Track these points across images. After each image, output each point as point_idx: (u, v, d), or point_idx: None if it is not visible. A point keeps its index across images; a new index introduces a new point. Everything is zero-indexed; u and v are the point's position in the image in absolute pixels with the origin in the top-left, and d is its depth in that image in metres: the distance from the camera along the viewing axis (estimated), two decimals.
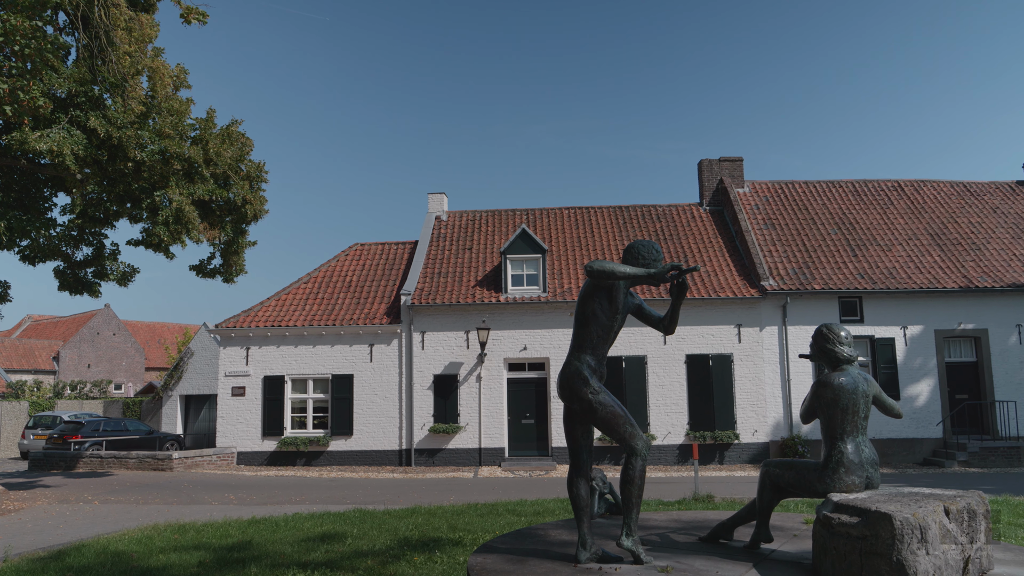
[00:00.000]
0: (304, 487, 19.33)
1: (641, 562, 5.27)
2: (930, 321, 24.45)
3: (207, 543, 10.05)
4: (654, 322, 5.85)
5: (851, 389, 5.45)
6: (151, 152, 15.79)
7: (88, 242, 19.46)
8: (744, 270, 25.71)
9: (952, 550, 4.60)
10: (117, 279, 19.75)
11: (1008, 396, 23.95)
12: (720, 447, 24.06)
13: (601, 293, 5.64)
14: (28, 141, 13.98)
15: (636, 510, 5.38)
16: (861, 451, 5.41)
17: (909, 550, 4.42)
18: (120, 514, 14.48)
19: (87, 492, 18.11)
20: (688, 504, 12.63)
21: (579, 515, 5.54)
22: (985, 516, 4.91)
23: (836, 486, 5.33)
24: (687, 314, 24.48)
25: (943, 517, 4.62)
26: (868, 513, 4.63)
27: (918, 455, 23.78)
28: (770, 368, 24.50)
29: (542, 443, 24.85)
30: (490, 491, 17.68)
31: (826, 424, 5.51)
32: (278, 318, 25.89)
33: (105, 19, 14.72)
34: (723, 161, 29.96)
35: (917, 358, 24.26)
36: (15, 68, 13.34)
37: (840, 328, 5.73)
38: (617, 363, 24.30)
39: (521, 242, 25.54)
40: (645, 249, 5.73)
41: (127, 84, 15.40)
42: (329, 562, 8.44)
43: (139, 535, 10.97)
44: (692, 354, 24.58)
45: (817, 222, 27.77)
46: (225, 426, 25.49)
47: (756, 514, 5.85)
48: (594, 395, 5.55)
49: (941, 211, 28.31)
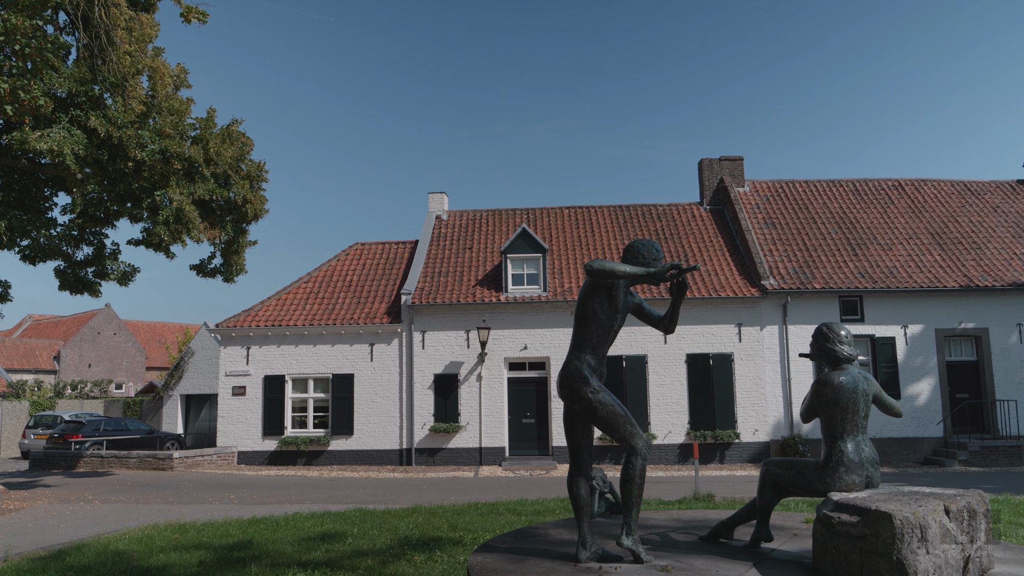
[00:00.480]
0: (305, 486, 19.34)
1: (641, 561, 5.27)
2: (931, 320, 24.44)
3: (208, 542, 10.05)
4: (654, 321, 5.86)
5: (851, 388, 5.44)
6: (151, 152, 15.79)
7: (88, 242, 19.45)
8: (744, 269, 25.70)
9: (952, 549, 4.60)
10: (118, 279, 19.74)
11: (1009, 395, 23.94)
12: (721, 446, 24.06)
13: (601, 292, 5.63)
14: (28, 141, 13.97)
15: (636, 509, 5.38)
16: (861, 450, 5.41)
17: (909, 549, 4.42)
18: (121, 514, 14.48)
19: (88, 492, 18.11)
20: (688, 503, 12.62)
21: (579, 514, 5.53)
22: (985, 515, 4.91)
23: (836, 485, 5.33)
24: (687, 313, 24.48)
25: (943, 516, 4.62)
26: (868, 512, 4.62)
27: (919, 454, 23.77)
28: (771, 367, 24.49)
29: (543, 442, 24.85)
30: (490, 490, 17.69)
31: (826, 423, 5.51)
32: (279, 318, 25.89)
33: (105, 19, 14.71)
34: (723, 160, 29.95)
35: (918, 357, 24.25)
36: (16, 67, 13.33)
37: (840, 327, 5.72)
38: (617, 362, 24.29)
39: (521, 241, 25.53)
40: (645, 248, 5.72)
41: (127, 84, 15.38)
42: (329, 561, 8.44)
43: (140, 534, 10.96)
44: (692, 353, 24.57)
45: (818, 221, 27.76)
46: (226, 426, 25.50)
47: (756, 513, 5.85)
48: (594, 394, 5.54)
49: (942, 210, 28.28)
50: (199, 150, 16.89)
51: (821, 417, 5.55)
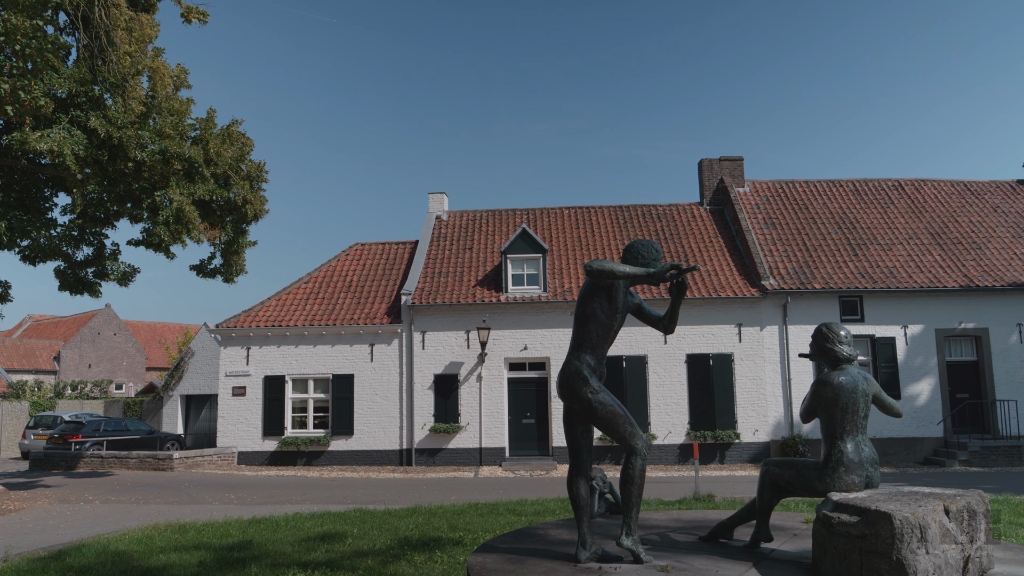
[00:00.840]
0: (305, 487, 19.33)
1: (641, 561, 5.26)
2: (931, 320, 24.41)
3: (208, 543, 10.04)
4: (654, 321, 5.85)
5: (851, 388, 5.44)
6: (151, 152, 15.78)
7: (88, 242, 19.45)
8: (744, 269, 25.69)
9: (952, 549, 4.60)
10: (118, 279, 19.72)
11: (1009, 395, 23.92)
12: (721, 446, 24.05)
13: (601, 292, 5.63)
14: (29, 141, 13.97)
15: (636, 509, 5.37)
16: (861, 450, 5.40)
17: (909, 549, 4.42)
18: (121, 514, 14.47)
19: (88, 492, 18.11)
20: (688, 503, 12.62)
21: (579, 514, 5.53)
22: (985, 515, 4.90)
23: (836, 485, 5.32)
24: (687, 313, 24.46)
25: (943, 516, 4.62)
26: (868, 512, 4.62)
27: (919, 454, 23.75)
28: (771, 367, 24.48)
29: (543, 443, 24.83)
30: (490, 491, 17.68)
31: (826, 423, 5.50)
32: (279, 318, 25.89)
33: (105, 19, 14.71)
34: (723, 161, 29.93)
35: (918, 357, 24.23)
36: (16, 68, 13.32)
37: (840, 327, 5.72)
38: (617, 362, 24.29)
39: (521, 242, 25.53)
40: (645, 248, 5.71)
41: (127, 84, 15.38)
42: (329, 562, 8.44)
43: (140, 535, 10.95)
44: (693, 353, 24.56)
45: (818, 221, 27.74)
46: (226, 426, 25.49)
47: (756, 513, 5.84)
48: (594, 394, 5.54)
49: (941, 210, 28.26)
50: (199, 150, 16.88)
51: (821, 417, 5.54)
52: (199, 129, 17.54)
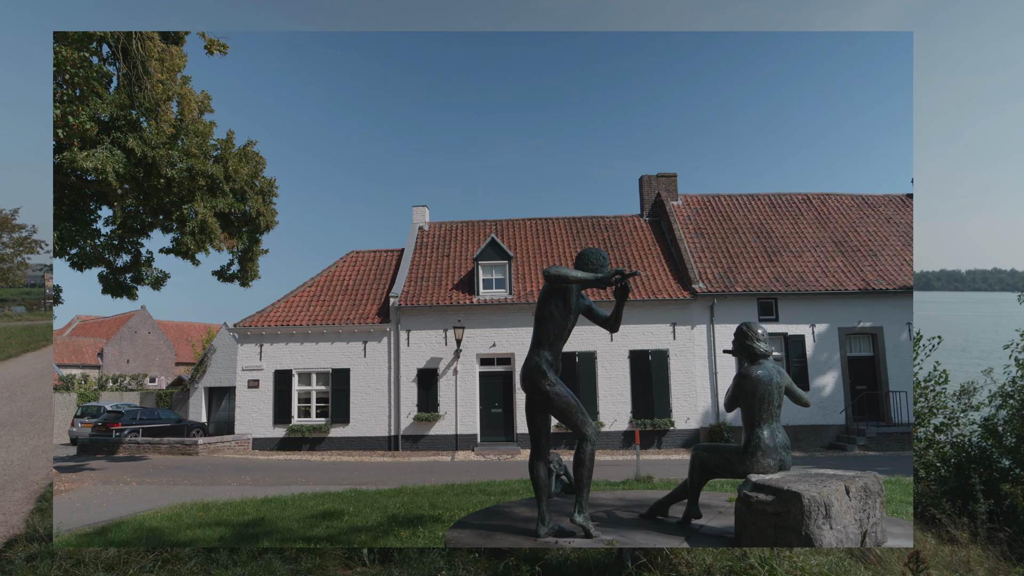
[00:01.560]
0: (308, 470, 19.06)
1: (591, 536, 5.25)
2: (835, 320, 24.56)
3: (227, 520, 9.87)
4: (601, 321, 5.81)
5: (767, 381, 5.46)
6: (180, 170, 15.51)
7: (127, 250, 19.05)
8: (678, 274, 25.74)
9: (852, 524, 4.64)
10: (152, 283, 19.32)
11: (900, 387, 24.08)
12: (658, 433, 24.04)
13: (557, 295, 5.60)
14: (77, 160, 13.76)
15: (587, 490, 5.37)
16: (776, 436, 5.43)
17: (816, 525, 4.44)
18: (154, 494, 14.18)
19: (126, 474, 17.74)
20: (631, 484, 12.53)
21: (539, 494, 5.51)
22: (880, 494, 4.95)
23: (754, 468, 5.34)
24: (630, 314, 24.46)
25: (844, 495, 4.66)
26: (781, 492, 4.64)
27: (824, 440, 23.72)
28: (700, 362, 24.51)
29: (508, 430, 24.69)
30: (464, 473, 17.52)
31: (746, 412, 5.51)
32: (286, 318, 25.59)
33: (141, 51, 14.47)
34: (660, 177, 29.81)
35: (824, 353, 24.42)
36: (66, 95, 13.25)
37: (758, 326, 5.74)
38: (571, 358, 24.26)
39: (491, 250, 25.43)
40: (594, 256, 5.70)
41: (160, 109, 15.15)
42: (329, 537, 8.32)
43: (170, 513, 10.76)
44: (634, 350, 24.55)
45: (739, 231, 27.72)
46: (242, 415, 25.11)
47: (688, 493, 5.85)
48: (551, 387, 5.52)
49: (843, 221, 28.31)
50: (220, 168, 16.59)
51: (742, 406, 5.55)
52: (220, 149, 17.19)
